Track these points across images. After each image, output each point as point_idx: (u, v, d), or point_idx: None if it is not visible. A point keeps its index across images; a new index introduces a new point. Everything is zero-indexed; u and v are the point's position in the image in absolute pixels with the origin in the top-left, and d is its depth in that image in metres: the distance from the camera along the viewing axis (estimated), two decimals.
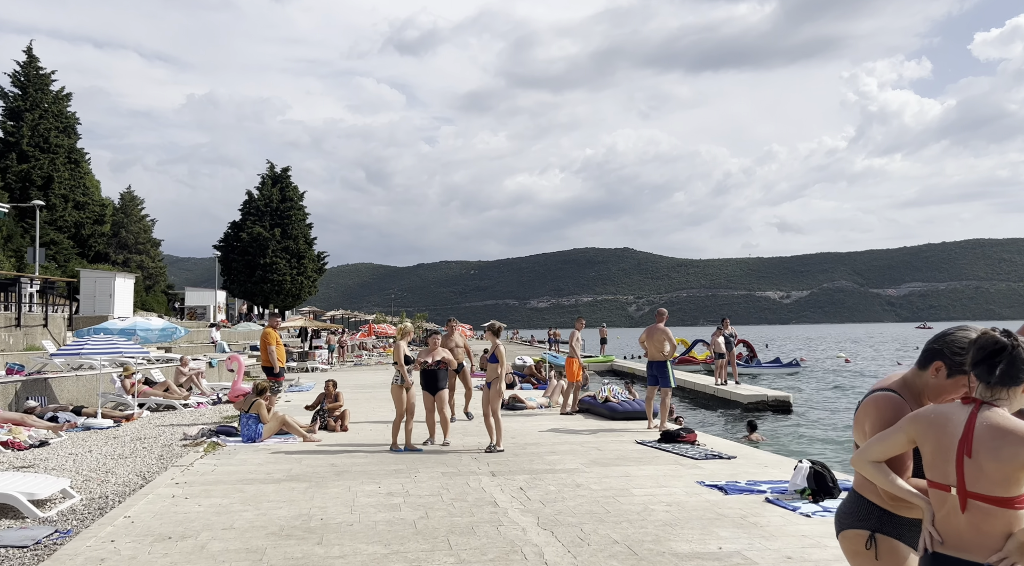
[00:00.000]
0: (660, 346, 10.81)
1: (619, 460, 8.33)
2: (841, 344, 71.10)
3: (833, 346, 67.81)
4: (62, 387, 14.41)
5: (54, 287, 26.55)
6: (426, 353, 9.63)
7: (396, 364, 9.28)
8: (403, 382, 9.20)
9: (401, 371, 9.19)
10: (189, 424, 12.15)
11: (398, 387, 9.19)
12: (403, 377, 9.20)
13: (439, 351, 9.63)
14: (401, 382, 9.20)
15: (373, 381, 22.68)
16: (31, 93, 45.36)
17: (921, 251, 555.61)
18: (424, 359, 9.53)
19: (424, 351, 9.70)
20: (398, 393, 9.17)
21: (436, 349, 9.64)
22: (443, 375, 9.60)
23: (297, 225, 54.63)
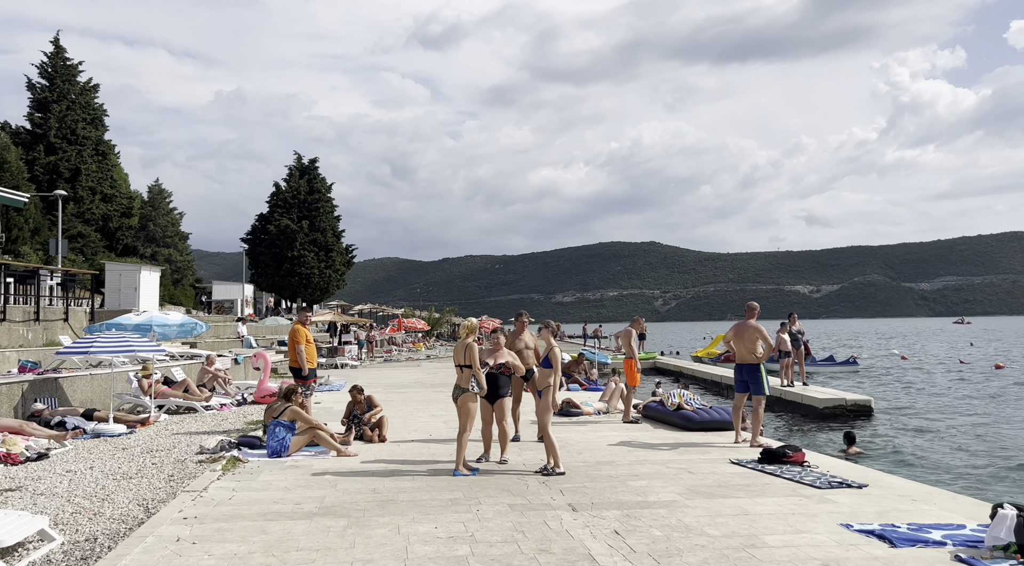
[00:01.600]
0: (752, 346, 9.23)
1: (723, 488, 6.81)
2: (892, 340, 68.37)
3: (873, 341, 65.25)
4: (75, 387, 13.22)
5: (75, 280, 25.62)
6: (488, 354, 8.20)
7: (462, 367, 7.75)
8: (479, 389, 7.75)
9: (478, 377, 7.73)
10: (208, 432, 10.85)
11: (472, 395, 7.74)
12: (479, 383, 7.75)
13: (503, 353, 8.19)
14: (476, 389, 7.75)
15: (406, 379, 21.34)
16: (58, 84, 44.80)
17: (956, 244, 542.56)
18: (485, 360, 8.09)
19: (485, 352, 8.26)
20: (469, 404, 7.72)
21: (500, 350, 8.20)
22: (505, 381, 8.16)
23: (325, 217, 53.61)
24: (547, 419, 7.63)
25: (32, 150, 42.86)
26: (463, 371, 7.76)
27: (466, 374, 7.73)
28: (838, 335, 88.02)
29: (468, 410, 7.67)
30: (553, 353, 7.75)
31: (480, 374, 7.72)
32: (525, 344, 9.21)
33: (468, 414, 7.66)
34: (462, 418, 7.69)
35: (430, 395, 16.42)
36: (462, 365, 7.75)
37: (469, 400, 7.70)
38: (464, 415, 7.67)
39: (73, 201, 43.15)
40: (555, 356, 7.74)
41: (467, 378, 7.72)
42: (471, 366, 7.70)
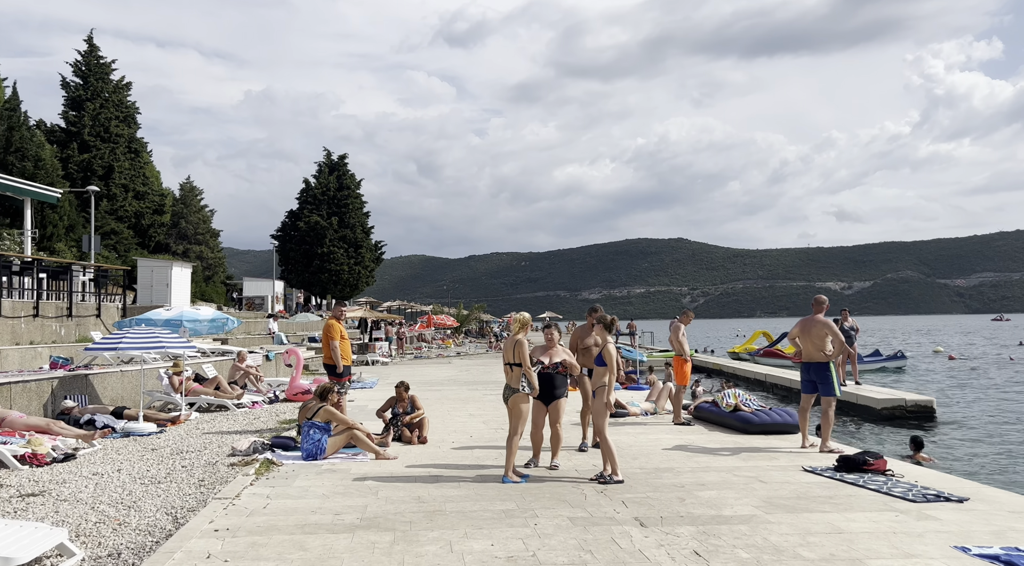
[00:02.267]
0: (820, 343, 8.50)
1: (804, 501, 6.14)
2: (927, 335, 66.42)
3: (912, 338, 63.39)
4: (105, 384, 12.91)
5: (107, 275, 25.58)
6: (542, 351, 7.60)
7: (512, 365, 7.14)
8: (531, 390, 7.14)
9: (529, 376, 7.11)
10: (240, 431, 10.42)
11: (524, 396, 7.13)
12: (531, 383, 7.14)
13: (558, 350, 7.58)
14: (528, 390, 7.14)
15: (439, 376, 20.87)
16: (92, 82, 45.18)
17: (993, 240, 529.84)
18: (540, 359, 7.49)
19: (539, 349, 7.67)
20: (520, 405, 7.11)
21: (554, 347, 7.60)
22: (561, 381, 7.56)
23: (354, 214, 53.46)
24: (603, 422, 7.01)
25: (66, 148, 43.28)
26: (513, 370, 7.16)
27: (516, 373, 7.12)
28: (873, 332, 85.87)
29: (519, 412, 7.07)
30: (607, 350, 7.12)
31: (531, 373, 7.12)
32: (595, 341, 8.45)
33: (519, 416, 7.07)
34: (513, 420, 7.10)
35: (465, 393, 15.89)
36: (512, 363, 7.16)
37: (520, 401, 7.09)
38: (515, 417, 7.08)
39: (106, 198, 43.51)
40: (609, 353, 7.12)
41: (517, 377, 7.11)
42: (521, 364, 7.10)
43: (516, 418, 7.08)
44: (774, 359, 29.36)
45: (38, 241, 35.09)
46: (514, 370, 7.16)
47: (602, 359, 7.11)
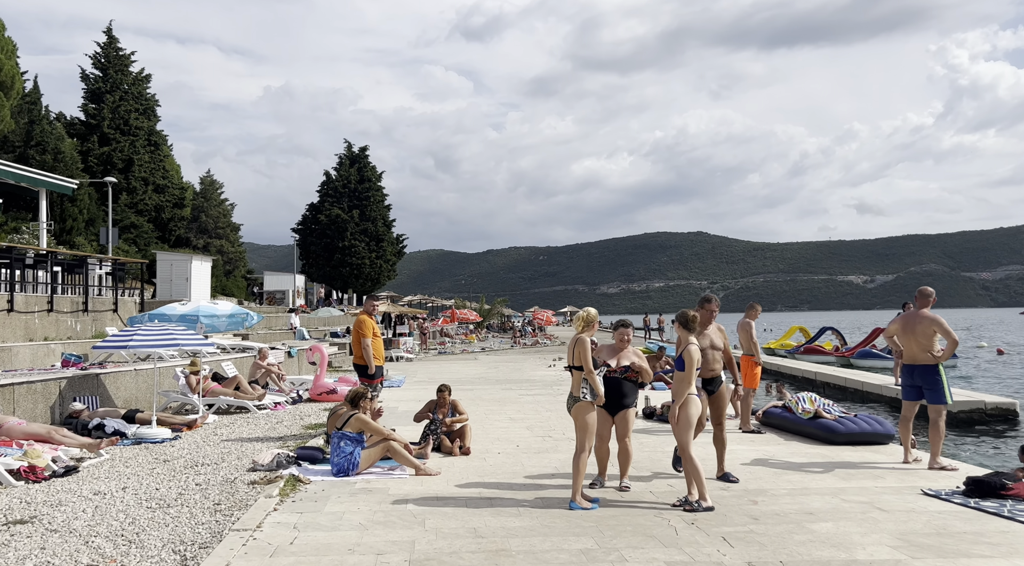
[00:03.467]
0: (927, 342, 7.33)
1: (948, 538, 5.01)
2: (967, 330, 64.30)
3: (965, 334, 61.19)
4: (118, 384, 12.03)
5: (125, 269, 24.88)
6: (608, 352, 6.55)
7: (573, 369, 6.07)
8: (593, 397, 6.04)
9: (592, 381, 6.01)
10: (262, 438, 9.46)
11: (588, 405, 6.04)
12: (594, 389, 6.03)
13: (628, 352, 6.52)
14: (590, 397, 6.02)
15: (468, 374, 19.85)
16: (111, 74, 44.69)
17: (1019, 232, 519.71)
18: (605, 361, 6.44)
19: (606, 349, 6.61)
20: (586, 416, 6.00)
21: (625, 348, 6.54)
22: (630, 388, 6.52)
23: (375, 207, 52.61)
24: (688, 437, 5.93)
25: (86, 141, 42.84)
26: (574, 374, 6.12)
27: (578, 378, 6.06)
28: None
29: (585, 424, 6.01)
30: (688, 352, 6.02)
31: (594, 377, 6.03)
32: (711, 342, 6.94)
33: (585, 429, 6.00)
34: (579, 435, 6.03)
35: (499, 393, 14.86)
36: (573, 366, 6.11)
37: (584, 411, 6.01)
38: (581, 431, 6.02)
39: (126, 192, 43.02)
40: (691, 355, 6.03)
41: (579, 383, 6.04)
42: (583, 367, 6.05)
43: (582, 432, 6.01)
44: (814, 356, 28.03)
45: (57, 235, 34.60)
46: (576, 374, 6.10)
47: (681, 362, 6.02)
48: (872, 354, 26.53)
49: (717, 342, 6.97)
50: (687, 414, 5.93)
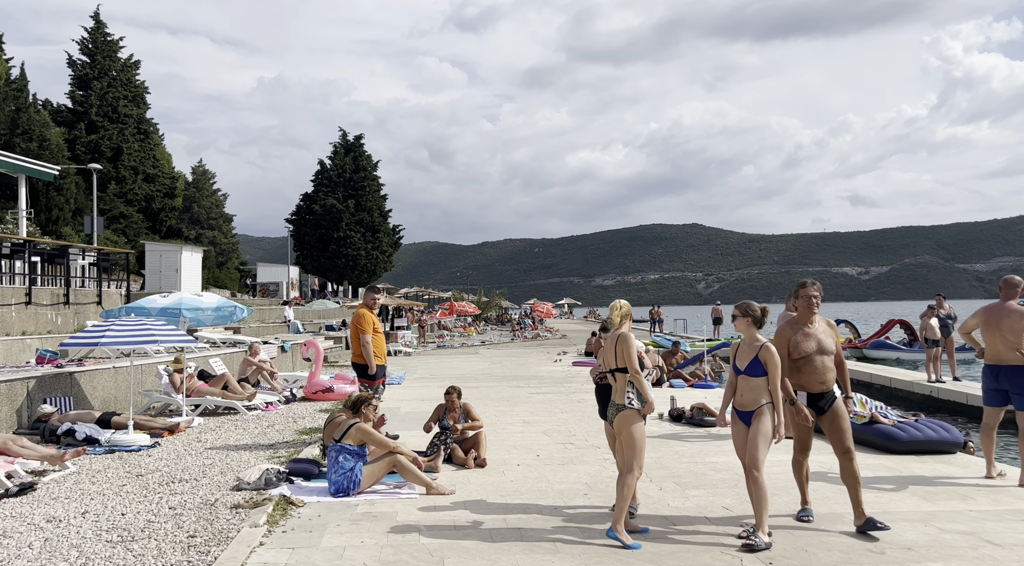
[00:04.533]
0: (1016, 339, 6.36)
1: None
2: None
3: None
4: (95, 384, 11.04)
5: (109, 259, 23.82)
6: None
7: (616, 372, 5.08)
8: (644, 405, 5.06)
9: (640, 385, 5.02)
10: (250, 445, 8.49)
11: (637, 415, 5.05)
12: (643, 395, 5.04)
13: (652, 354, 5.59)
14: (639, 405, 5.04)
15: (471, 369, 18.89)
16: (99, 60, 43.40)
17: (1013, 223, 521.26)
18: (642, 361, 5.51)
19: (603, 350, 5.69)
20: (634, 428, 5.01)
21: None
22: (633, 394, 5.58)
23: (371, 196, 51.48)
24: (762, 455, 4.94)
25: (73, 129, 41.59)
26: (617, 378, 5.15)
27: (623, 382, 5.08)
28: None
29: (633, 439, 5.02)
30: (768, 351, 4.94)
31: (642, 380, 5.05)
32: (819, 345, 5.21)
33: (634, 446, 5.01)
34: (627, 452, 5.05)
35: (508, 391, 13.91)
36: (616, 369, 5.14)
37: (632, 422, 5.01)
38: (630, 448, 5.03)
39: (115, 181, 41.85)
40: (772, 357, 4.89)
41: (623, 388, 5.07)
42: (628, 369, 5.07)
43: (631, 449, 5.02)
44: None
45: (43, 225, 33.47)
46: (619, 378, 5.12)
47: (759, 365, 4.95)
48: (885, 345, 25.77)
49: (827, 344, 5.24)
50: (763, 428, 4.88)
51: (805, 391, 5.18)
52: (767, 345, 4.97)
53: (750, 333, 5.09)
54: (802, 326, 5.27)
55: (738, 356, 5.09)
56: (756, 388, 4.96)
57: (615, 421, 5.12)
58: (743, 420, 5.05)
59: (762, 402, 4.93)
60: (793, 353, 5.22)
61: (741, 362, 5.04)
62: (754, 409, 4.97)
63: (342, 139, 53.39)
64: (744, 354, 5.05)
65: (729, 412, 5.24)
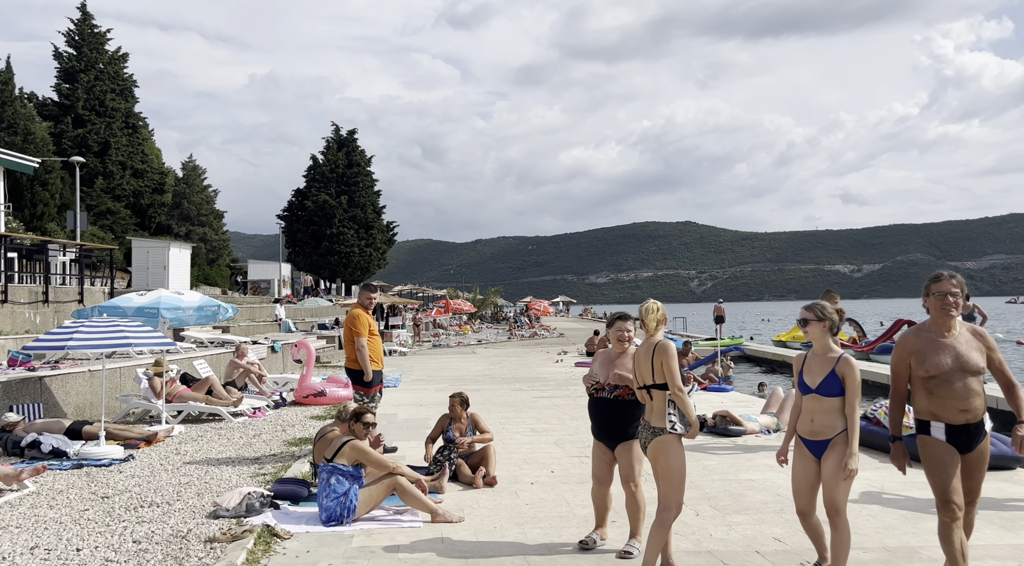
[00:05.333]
0: None
1: None
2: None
3: None
4: (68, 389, 10.24)
5: (92, 255, 22.97)
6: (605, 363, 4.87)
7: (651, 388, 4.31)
8: (685, 428, 4.28)
9: (683, 405, 4.26)
10: (233, 460, 7.70)
11: (676, 440, 4.27)
12: (687, 417, 4.27)
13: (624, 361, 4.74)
14: (681, 429, 4.27)
15: (470, 370, 18.13)
16: (86, 53, 42.37)
17: (1004, 222, 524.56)
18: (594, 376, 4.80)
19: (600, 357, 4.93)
20: (671, 457, 4.24)
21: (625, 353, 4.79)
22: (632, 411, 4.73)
23: (365, 192, 50.60)
24: (843, 498, 4.01)
25: (59, 122, 40.56)
26: (654, 396, 4.36)
27: (660, 400, 4.29)
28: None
29: (672, 470, 4.21)
30: (848, 365, 3.96)
31: (686, 401, 4.28)
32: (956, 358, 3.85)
33: (673, 478, 4.21)
34: (662, 485, 4.24)
35: (511, 395, 13.16)
36: (650, 385, 4.35)
37: (671, 449, 4.23)
38: (665, 480, 4.23)
39: (102, 176, 40.87)
40: (853, 372, 3.94)
41: (663, 408, 4.28)
42: (667, 386, 4.27)
43: (669, 481, 4.22)
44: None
45: (27, 220, 32.52)
46: (655, 396, 4.33)
47: (836, 382, 3.95)
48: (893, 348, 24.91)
49: (971, 359, 3.86)
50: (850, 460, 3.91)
51: (941, 422, 3.90)
52: (847, 358, 4.07)
53: (824, 342, 4.13)
54: (935, 334, 3.96)
55: (807, 370, 4.13)
56: (831, 411, 4.01)
57: (650, 447, 4.31)
58: (812, 451, 4.08)
59: (841, 429, 4.01)
60: (920, 370, 3.90)
61: (812, 378, 4.08)
62: (830, 437, 4.00)
63: (335, 134, 52.49)
64: (816, 368, 4.08)
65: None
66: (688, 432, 4.30)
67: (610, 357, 4.83)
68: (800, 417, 4.15)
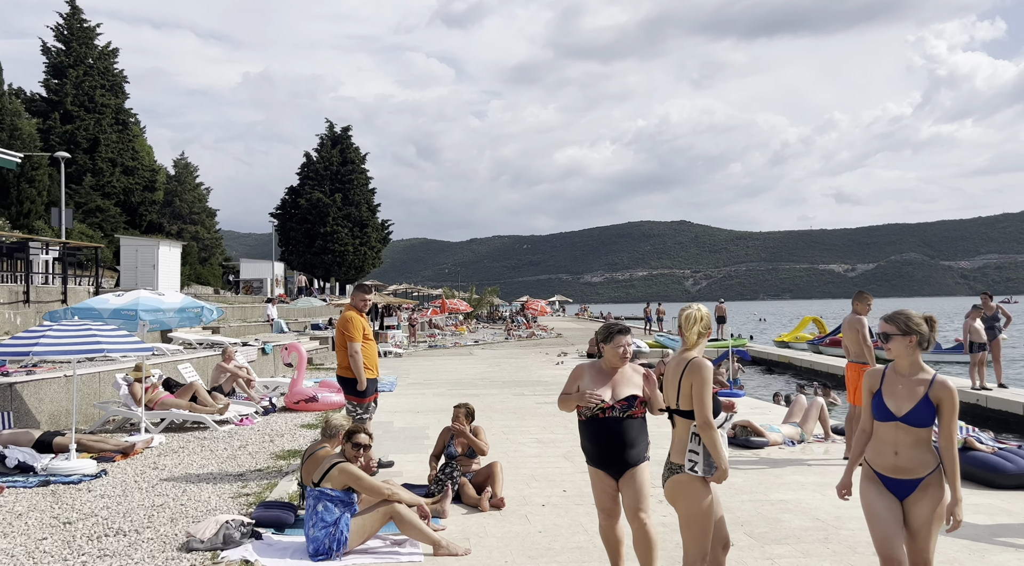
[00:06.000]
0: None
1: None
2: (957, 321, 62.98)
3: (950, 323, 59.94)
4: (41, 395, 9.58)
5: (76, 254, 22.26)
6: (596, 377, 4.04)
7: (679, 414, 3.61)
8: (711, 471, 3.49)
9: (713, 446, 3.45)
10: (215, 476, 7.05)
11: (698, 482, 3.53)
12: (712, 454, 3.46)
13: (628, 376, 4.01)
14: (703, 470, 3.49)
15: (468, 373, 17.49)
16: (75, 47, 41.55)
17: (997, 221, 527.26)
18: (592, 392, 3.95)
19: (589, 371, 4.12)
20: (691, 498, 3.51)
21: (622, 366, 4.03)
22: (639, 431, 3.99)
23: (359, 190, 49.88)
24: (933, 548, 3.33)
25: (47, 118, 39.73)
26: (677, 424, 3.61)
27: (684, 428, 3.55)
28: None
29: (688, 514, 3.50)
30: (946, 389, 3.27)
31: (716, 440, 3.44)
32: None
33: (692, 525, 3.49)
34: (685, 535, 3.54)
35: (512, 400, 12.53)
36: (679, 410, 3.60)
37: (691, 494, 3.50)
38: (687, 528, 3.52)
39: (91, 173, 40.06)
40: (952, 397, 3.26)
41: (683, 441, 3.52)
42: (696, 417, 3.48)
43: (687, 529, 3.51)
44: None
45: (13, 218, 31.75)
46: (679, 424, 3.59)
47: (930, 410, 3.26)
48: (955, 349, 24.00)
49: None
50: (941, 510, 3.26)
51: None
52: (942, 380, 3.30)
53: (912, 360, 3.36)
54: None
55: (888, 392, 3.35)
56: (922, 444, 3.29)
57: (666, 486, 3.59)
58: (894, 491, 3.33)
59: (934, 466, 3.29)
60: None
61: (897, 403, 3.32)
62: (921, 476, 3.28)
63: (329, 131, 51.75)
64: (903, 391, 3.34)
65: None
66: (713, 476, 3.47)
67: (603, 372, 4.02)
68: (876, 448, 3.39)
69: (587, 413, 3.96)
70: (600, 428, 3.93)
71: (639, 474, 3.91)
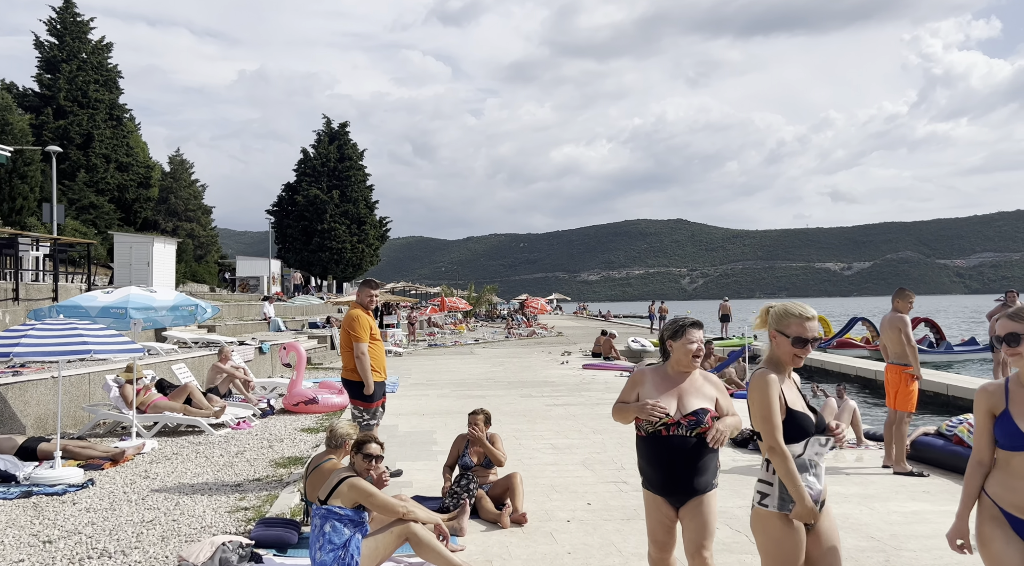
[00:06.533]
0: None
1: None
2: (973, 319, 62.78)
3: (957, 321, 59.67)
4: (27, 398, 9.08)
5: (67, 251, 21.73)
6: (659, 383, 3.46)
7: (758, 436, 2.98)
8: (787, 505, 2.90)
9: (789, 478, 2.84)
10: (210, 486, 6.56)
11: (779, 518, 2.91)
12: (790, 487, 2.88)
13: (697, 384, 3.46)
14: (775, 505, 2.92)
15: (472, 373, 16.99)
16: (68, 42, 40.90)
17: (992, 220, 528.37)
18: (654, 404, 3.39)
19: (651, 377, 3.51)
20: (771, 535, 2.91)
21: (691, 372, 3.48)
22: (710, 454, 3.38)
23: (357, 187, 49.31)
24: None
25: (40, 114, 39.10)
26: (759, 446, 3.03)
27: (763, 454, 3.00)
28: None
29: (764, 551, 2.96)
30: None
31: (790, 469, 2.86)
32: None
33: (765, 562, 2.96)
34: None
35: (521, 402, 12.05)
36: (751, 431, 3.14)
37: (767, 526, 2.94)
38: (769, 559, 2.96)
39: (85, 169, 39.47)
40: None
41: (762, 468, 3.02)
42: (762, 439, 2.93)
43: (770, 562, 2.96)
44: (848, 350, 25.55)
45: (5, 215, 31.18)
46: (761, 446, 3.00)
47: None
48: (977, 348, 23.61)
49: None
50: None
51: None
52: None
53: None
54: None
55: (1018, 411, 2.69)
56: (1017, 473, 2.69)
57: (752, 521, 3.05)
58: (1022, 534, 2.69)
59: None
60: None
61: None
62: None
63: (326, 127, 51.17)
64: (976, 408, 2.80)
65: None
66: (792, 513, 2.87)
67: (668, 378, 3.47)
68: (1005, 483, 2.73)
69: (648, 428, 3.40)
70: (662, 447, 3.37)
71: (705, 505, 3.35)
